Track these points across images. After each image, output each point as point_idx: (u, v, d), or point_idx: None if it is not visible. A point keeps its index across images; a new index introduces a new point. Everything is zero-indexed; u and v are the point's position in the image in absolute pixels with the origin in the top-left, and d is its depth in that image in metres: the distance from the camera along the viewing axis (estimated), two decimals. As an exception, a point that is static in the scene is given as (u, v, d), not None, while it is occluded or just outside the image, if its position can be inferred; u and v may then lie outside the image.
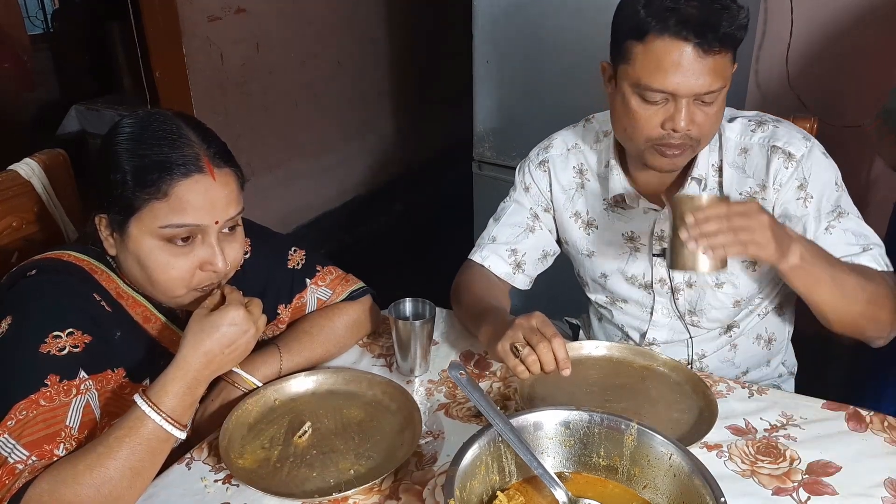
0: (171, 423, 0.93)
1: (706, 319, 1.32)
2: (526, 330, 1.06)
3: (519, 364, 1.05)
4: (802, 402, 1.14)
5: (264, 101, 3.10)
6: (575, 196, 1.37)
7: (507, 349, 1.06)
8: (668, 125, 1.11)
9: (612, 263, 1.36)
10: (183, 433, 0.96)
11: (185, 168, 0.96)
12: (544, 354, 1.03)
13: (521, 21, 2.25)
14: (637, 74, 1.10)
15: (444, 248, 1.88)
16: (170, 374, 0.96)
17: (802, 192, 1.19)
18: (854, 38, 2.52)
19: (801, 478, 0.99)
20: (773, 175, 1.20)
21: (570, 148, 1.37)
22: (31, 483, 0.86)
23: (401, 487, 0.98)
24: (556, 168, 1.37)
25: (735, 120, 1.25)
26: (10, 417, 0.89)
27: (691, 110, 1.10)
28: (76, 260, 1.02)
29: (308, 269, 1.28)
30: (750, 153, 1.23)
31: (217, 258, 1.00)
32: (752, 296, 1.29)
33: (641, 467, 0.93)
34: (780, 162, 1.19)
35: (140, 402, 0.93)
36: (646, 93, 1.10)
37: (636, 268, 1.34)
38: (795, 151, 1.19)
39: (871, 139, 2.21)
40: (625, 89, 1.13)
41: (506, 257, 1.37)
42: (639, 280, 1.35)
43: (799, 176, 1.19)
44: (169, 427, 0.93)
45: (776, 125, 1.23)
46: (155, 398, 0.94)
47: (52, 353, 0.92)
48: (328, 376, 1.19)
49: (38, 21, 4.64)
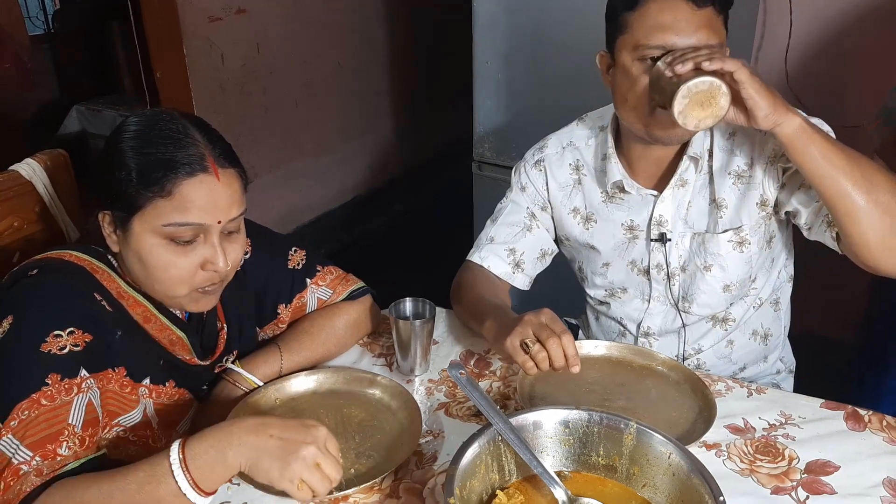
0: (197, 491, 0.87)
1: (697, 305, 1.33)
2: (535, 326, 1.06)
3: (528, 360, 1.05)
4: (801, 401, 1.15)
5: (264, 101, 3.10)
6: (572, 192, 1.37)
7: (516, 345, 1.06)
8: None
9: (613, 252, 1.37)
10: (205, 501, 0.89)
11: (190, 167, 0.96)
12: (554, 350, 1.03)
13: (521, 21, 2.25)
14: (635, 38, 1.13)
15: (444, 248, 1.88)
16: (208, 435, 0.89)
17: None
18: (854, 38, 2.52)
19: (800, 477, 0.99)
20: (757, 147, 1.22)
21: (564, 146, 1.38)
22: (37, 496, 0.86)
23: (401, 486, 0.98)
24: (552, 166, 1.38)
25: None
26: (13, 418, 0.89)
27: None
28: (77, 260, 1.03)
29: (308, 268, 1.28)
30: (737, 133, 1.25)
31: (219, 258, 1.00)
32: (743, 280, 1.29)
33: (641, 466, 0.93)
34: (765, 136, 1.20)
35: (174, 459, 0.87)
36: (647, 54, 1.12)
37: (635, 253, 1.35)
38: None
39: (871, 139, 2.21)
40: (624, 60, 1.16)
41: (504, 257, 1.38)
42: (637, 266, 1.36)
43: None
44: (194, 496, 0.87)
45: None
46: (188, 454, 0.87)
47: (53, 352, 0.93)
48: (329, 376, 1.19)
49: (38, 21, 4.64)
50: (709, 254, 1.28)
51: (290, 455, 0.86)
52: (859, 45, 2.52)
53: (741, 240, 1.26)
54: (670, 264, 1.32)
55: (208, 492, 0.88)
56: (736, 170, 1.24)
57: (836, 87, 2.60)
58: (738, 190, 1.24)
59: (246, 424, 0.89)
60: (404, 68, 3.89)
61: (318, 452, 0.87)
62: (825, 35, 2.57)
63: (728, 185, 1.25)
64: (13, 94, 3.89)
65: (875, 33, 2.48)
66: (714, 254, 1.28)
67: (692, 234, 1.29)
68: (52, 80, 4.26)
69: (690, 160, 1.25)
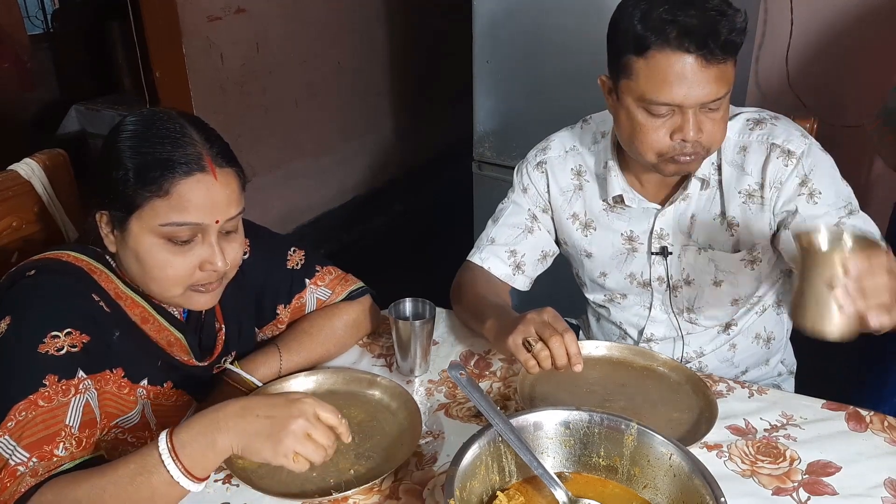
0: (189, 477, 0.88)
1: (704, 317, 1.32)
2: (538, 324, 1.06)
3: (530, 359, 1.05)
4: (802, 402, 1.14)
5: (264, 101, 3.10)
6: (573, 198, 1.36)
7: (518, 344, 1.06)
8: (676, 136, 1.11)
9: (611, 262, 1.36)
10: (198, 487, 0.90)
11: (188, 167, 0.96)
12: (556, 349, 1.03)
13: (521, 21, 2.25)
14: (641, 89, 1.09)
15: (444, 248, 1.88)
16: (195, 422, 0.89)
17: (805, 189, 1.18)
18: (854, 38, 2.52)
19: (801, 478, 0.99)
20: (772, 173, 1.19)
21: (567, 150, 1.36)
22: (32, 495, 0.86)
23: (401, 487, 0.98)
24: (555, 169, 1.37)
25: (735, 117, 1.24)
26: (10, 419, 0.88)
27: (699, 119, 1.10)
28: (75, 260, 1.02)
29: (307, 269, 1.27)
30: (749, 151, 1.22)
31: (217, 258, 1.00)
32: (751, 294, 1.29)
33: (641, 467, 0.93)
34: (779, 161, 1.19)
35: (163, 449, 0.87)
36: (651, 107, 1.10)
37: (634, 266, 1.34)
38: (795, 149, 1.18)
39: (871, 139, 2.21)
40: (628, 104, 1.13)
41: (505, 258, 1.37)
42: (637, 278, 1.35)
43: (799, 173, 1.18)
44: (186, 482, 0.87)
45: (774, 123, 1.23)
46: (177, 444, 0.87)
47: (51, 353, 0.92)
48: (328, 376, 1.19)
49: (38, 21, 4.64)
50: (720, 270, 1.27)
51: (279, 432, 0.87)
52: (859, 45, 2.52)
53: (753, 258, 1.25)
54: (672, 277, 1.31)
55: (201, 478, 0.88)
56: (747, 189, 1.22)
57: (836, 87, 2.60)
58: (750, 210, 1.23)
59: (231, 409, 0.89)
60: (404, 68, 3.88)
61: (306, 424, 0.87)
62: (825, 35, 2.57)
63: (738, 203, 1.23)
64: (12, 93, 3.89)
65: (875, 33, 2.48)
66: (725, 271, 1.27)
67: (698, 249, 1.28)
68: (51, 79, 4.26)
69: (698, 181, 1.24)
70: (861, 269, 0.84)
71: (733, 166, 1.23)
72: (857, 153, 2.59)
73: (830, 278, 0.85)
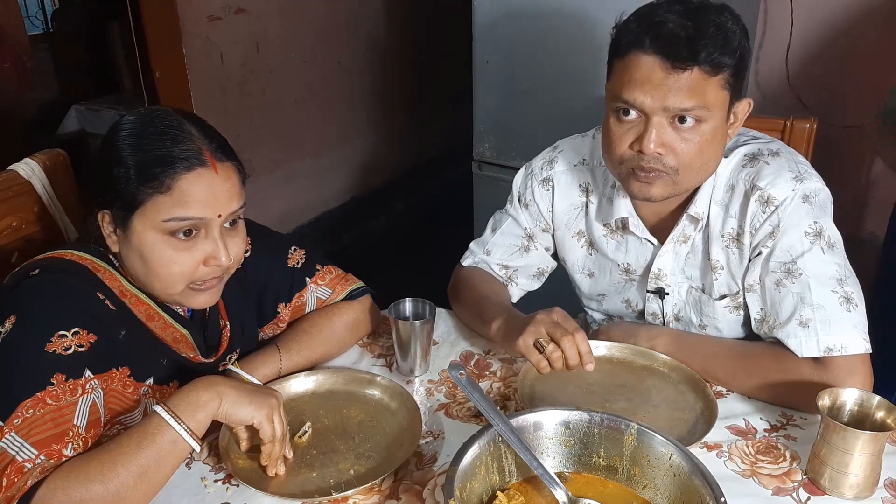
0: (189, 433, 0.93)
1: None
2: (548, 325, 1.06)
3: (543, 360, 1.05)
4: (802, 402, 1.14)
5: (264, 101, 3.10)
6: (579, 216, 1.33)
7: (529, 345, 1.06)
8: (636, 146, 1.08)
9: (610, 288, 1.35)
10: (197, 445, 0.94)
11: (188, 162, 0.96)
12: (569, 349, 1.03)
13: (521, 21, 2.25)
14: (614, 89, 1.10)
15: (444, 248, 1.88)
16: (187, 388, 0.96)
17: (771, 241, 1.12)
18: (854, 38, 2.52)
19: (801, 478, 0.99)
20: (749, 218, 1.14)
21: (575, 164, 1.32)
22: (42, 482, 0.86)
23: (401, 487, 0.98)
24: (560, 186, 1.33)
25: (734, 152, 1.18)
26: (17, 416, 0.88)
27: (664, 132, 1.06)
28: (79, 259, 1.02)
29: (308, 268, 1.28)
30: (735, 191, 1.16)
31: (220, 252, 1.00)
32: (736, 335, 1.27)
33: (641, 467, 0.93)
34: (756, 205, 1.13)
35: (160, 411, 0.93)
36: (619, 106, 1.08)
37: (632, 294, 1.33)
38: (777, 195, 1.11)
39: (871, 139, 2.21)
40: (607, 107, 1.12)
41: (497, 270, 1.37)
42: (633, 306, 1.34)
43: (773, 222, 1.12)
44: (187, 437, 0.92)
45: (767, 161, 1.15)
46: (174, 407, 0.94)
47: (58, 352, 0.92)
48: (328, 376, 1.19)
49: (37, 21, 4.65)
50: (704, 315, 1.26)
51: (259, 397, 0.97)
52: (859, 45, 2.52)
53: (737, 304, 1.22)
54: (666, 315, 1.30)
55: (199, 435, 0.94)
56: (730, 232, 1.17)
57: (836, 87, 2.60)
58: (734, 254, 1.18)
59: (206, 378, 0.97)
60: (404, 68, 3.88)
61: (278, 405, 0.99)
62: (825, 35, 2.57)
63: (721, 246, 1.19)
64: (12, 93, 3.89)
65: (875, 33, 2.49)
66: (710, 316, 1.25)
67: (689, 287, 1.26)
68: (51, 79, 4.27)
69: (690, 219, 1.19)
70: None
71: (720, 206, 1.18)
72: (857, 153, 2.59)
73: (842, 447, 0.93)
